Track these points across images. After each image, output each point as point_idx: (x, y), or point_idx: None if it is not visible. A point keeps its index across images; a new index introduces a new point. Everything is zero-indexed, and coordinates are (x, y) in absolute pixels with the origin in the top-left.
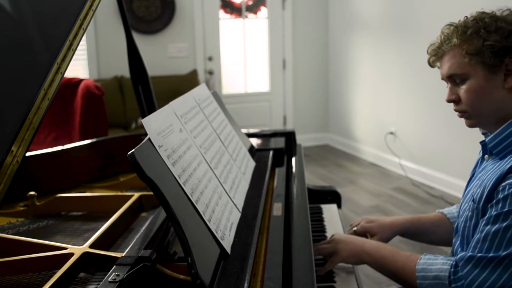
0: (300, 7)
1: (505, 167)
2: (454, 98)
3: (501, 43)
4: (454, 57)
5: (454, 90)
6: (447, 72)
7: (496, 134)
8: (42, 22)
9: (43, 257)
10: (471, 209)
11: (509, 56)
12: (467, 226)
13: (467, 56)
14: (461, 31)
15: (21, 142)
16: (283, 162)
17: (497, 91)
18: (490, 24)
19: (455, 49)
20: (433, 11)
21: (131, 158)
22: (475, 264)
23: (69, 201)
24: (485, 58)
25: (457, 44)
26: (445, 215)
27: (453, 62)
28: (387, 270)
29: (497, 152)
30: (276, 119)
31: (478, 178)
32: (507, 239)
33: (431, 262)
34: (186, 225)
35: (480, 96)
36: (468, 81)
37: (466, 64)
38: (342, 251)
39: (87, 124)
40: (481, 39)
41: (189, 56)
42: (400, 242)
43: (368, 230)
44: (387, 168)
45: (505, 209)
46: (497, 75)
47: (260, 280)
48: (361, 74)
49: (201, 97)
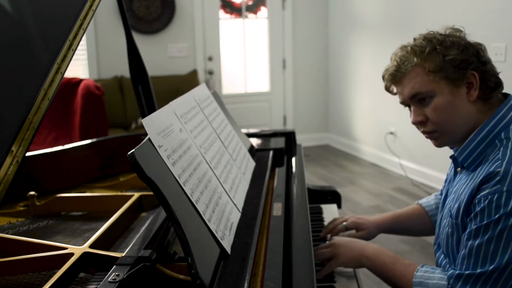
0: (300, 7)
1: (477, 179)
2: (422, 118)
3: (460, 56)
4: (416, 77)
5: (420, 111)
6: (409, 92)
7: (464, 147)
8: (42, 22)
9: (43, 257)
10: (451, 225)
11: (469, 69)
12: (450, 243)
13: (431, 74)
14: (418, 50)
15: (21, 142)
16: (283, 162)
17: (463, 104)
18: (444, 41)
19: (416, 69)
20: (433, 11)
21: (131, 158)
22: (465, 281)
23: (69, 201)
24: (448, 73)
25: (418, 63)
26: (423, 207)
27: (416, 82)
28: (386, 277)
29: (468, 165)
30: (276, 119)
31: (453, 192)
32: (491, 252)
33: (428, 276)
34: (186, 225)
35: (448, 112)
36: (434, 99)
37: (430, 82)
38: (341, 255)
39: (87, 124)
40: (441, 55)
41: (189, 56)
42: (400, 241)
43: (359, 226)
44: (387, 168)
45: (484, 222)
46: (460, 88)
47: (260, 280)
48: (361, 74)
49: (201, 97)
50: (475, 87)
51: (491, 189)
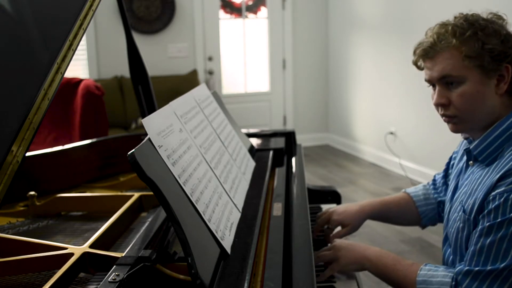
0: (300, 7)
1: (494, 177)
2: (445, 101)
3: (500, 47)
4: (450, 58)
5: (444, 94)
6: (439, 73)
7: (481, 140)
8: (42, 22)
9: (43, 257)
10: (462, 220)
11: (505, 61)
12: (459, 237)
13: (466, 59)
14: (458, 32)
15: (21, 142)
16: (283, 162)
17: (490, 96)
18: (486, 27)
19: (451, 50)
20: (433, 11)
21: (131, 158)
22: (474, 278)
23: (69, 201)
24: (484, 62)
25: (455, 45)
26: (410, 197)
27: (449, 63)
28: (388, 279)
29: (483, 159)
30: (276, 119)
31: (465, 186)
32: (504, 250)
33: (432, 274)
34: (186, 225)
35: (474, 101)
36: (463, 85)
37: (463, 67)
38: (343, 258)
39: (87, 124)
40: (480, 42)
41: (189, 56)
42: (400, 241)
43: (341, 222)
44: (387, 168)
45: (498, 219)
46: (491, 79)
47: (260, 280)
48: (361, 74)
49: (201, 97)
50: (506, 81)
51: (507, 187)
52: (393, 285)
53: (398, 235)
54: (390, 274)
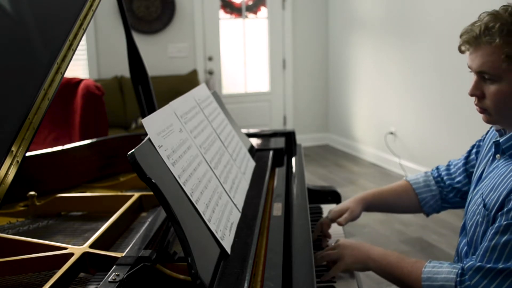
0: (300, 7)
1: None
2: (479, 94)
3: None
4: (491, 55)
5: (480, 86)
6: (478, 67)
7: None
8: (42, 22)
9: (43, 257)
10: (482, 215)
11: None
12: (477, 231)
13: (506, 60)
14: (506, 30)
15: (21, 142)
16: (283, 162)
17: None
18: None
19: (494, 48)
20: (433, 11)
21: (131, 158)
22: (484, 275)
23: (69, 201)
24: None
25: (498, 44)
26: (410, 184)
27: (488, 60)
28: (393, 277)
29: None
30: (276, 119)
31: (489, 179)
32: None
33: (437, 271)
34: (186, 225)
35: (507, 101)
36: (498, 84)
37: (501, 67)
38: (347, 257)
39: (87, 124)
40: None
41: (189, 56)
42: (400, 242)
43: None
44: (387, 168)
45: None
46: None
47: (260, 280)
48: (361, 74)
49: (201, 97)
50: None
51: None
52: (397, 283)
53: (398, 235)
54: (394, 272)
